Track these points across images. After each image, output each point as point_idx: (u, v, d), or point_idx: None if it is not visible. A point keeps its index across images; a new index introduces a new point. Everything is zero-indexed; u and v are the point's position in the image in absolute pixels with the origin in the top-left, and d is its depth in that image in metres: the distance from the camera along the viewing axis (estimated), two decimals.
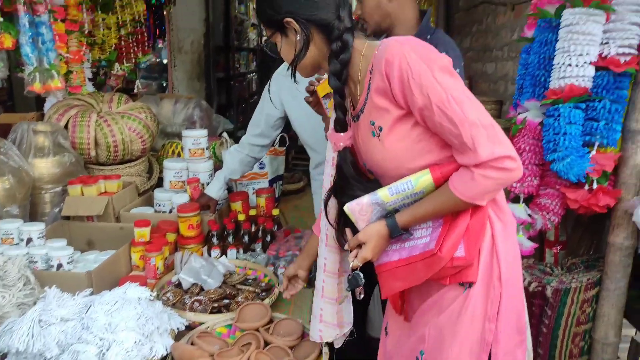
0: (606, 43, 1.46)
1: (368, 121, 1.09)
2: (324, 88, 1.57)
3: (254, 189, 2.86)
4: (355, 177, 1.15)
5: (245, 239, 2.00)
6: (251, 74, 7.67)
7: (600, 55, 1.47)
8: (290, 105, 2.12)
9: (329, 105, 1.54)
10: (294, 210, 3.27)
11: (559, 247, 1.95)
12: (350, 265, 1.14)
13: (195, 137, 2.29)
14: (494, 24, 3.18)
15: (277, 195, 3.21)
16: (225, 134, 2.98)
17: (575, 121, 1.49)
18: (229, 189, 2.67)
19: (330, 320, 1.30)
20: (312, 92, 1.58)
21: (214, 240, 1.92)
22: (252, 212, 2.20)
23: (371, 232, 1.10)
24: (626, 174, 1.54)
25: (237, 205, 2.22)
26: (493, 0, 3.08)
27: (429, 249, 1.04)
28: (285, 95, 2.11)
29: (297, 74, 1.22)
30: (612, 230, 1.60)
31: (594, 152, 1.53)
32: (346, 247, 1.19)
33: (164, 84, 5.82)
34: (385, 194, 1.07)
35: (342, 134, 1.15)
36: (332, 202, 1.24)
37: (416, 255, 1.07)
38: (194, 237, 1.92)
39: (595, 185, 1.52)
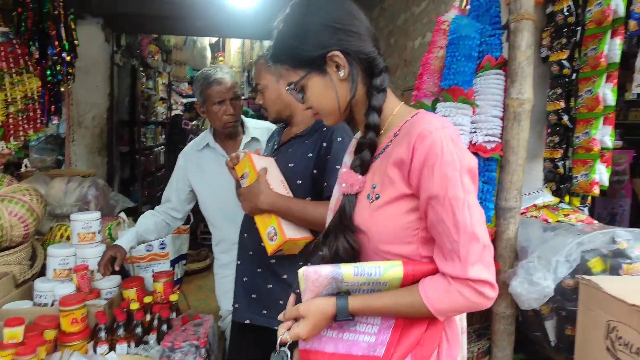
0: (474, 132, 1.64)
1: (370, 182, 1.02)
2: (240, 168, 1.59)
3: (153, 271, 2.70)
4: (352, 228, 1.01)
5: (138, 330, 1.84)
6: (158, 148, 7.52)
7: (470, 142, 1.64)
8: (196, 181, 2.17)
9: (245, 184, 1.56)
10: (198, 291, 3.13)
11: None
12: (279, 340, 0.99)
13: (86, 221, 2.14)
14: None
15: (179, 276, 3.06)
16: (122, 214, 2.84)
17: None
18: (125, 274, 2.50)
19: None
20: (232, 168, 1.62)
21: (102, 334, 1.75)
22: (148, 300, 2.06)
23: (315, 308, 0.96)
24: (502, 247, 1.68)
25: (130, 293, 2.07)
26: None
27: (375, 354, 0.94)
28: (191, 172, 2.16)
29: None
30: (494, 300, 1.70)
31: None
32: (280, 316, 1.04)
33: (61, 159, 5.49)
34: (348, 273, 0.95)
35: (360, 176, 1.02)
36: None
37: (357, 356, 0.95)
38: (78, 333, 1.74)
39: None
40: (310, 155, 1.62)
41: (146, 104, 6.55)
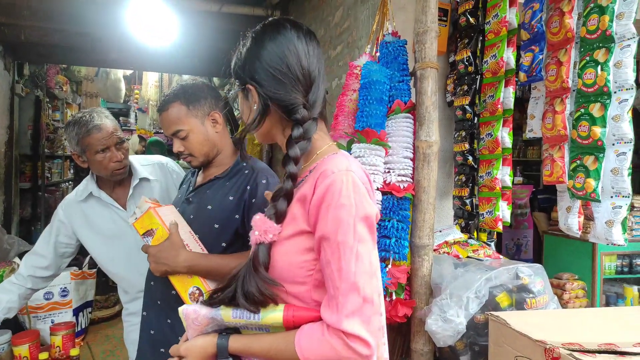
0: (388, 172, 1.69)
1: None
2: (142, 225, 1.42)
3: (53, 322, 2.46)
4: (265, 277, 0.94)
5: None
6: (66, 183, 7.00)
7: (384, 182, 1.69)
8: (85, 235, 1.91)
9: (152, 242, 1.41)
10: (106, 342, 2.88)
11: None
12: None
13: None
14: None
15: (84, 326, 2.80)
16: (17, 259, 2.57)
17: None
18: (18, 327, 2.25)
19: None
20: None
21: None
22: (43, 356, 1.85)
23: (196, 347, 0.96)
24: (417, 284, 1.72)
25: (22, 350, 1.85)
26: None
27: None
28: (77, 225, 1.91)
29: None
30: (412, 337, 1.73)
31: (390, 267, 1.69)
32: (171, 350, 1.02)
33: None
34: (227, 315, 0.95)
35: (275, 224, 0.96)
36: None
37: None
38: None
39: (394, 297, 1.66)
40: (231, 198, 1.55)
41: (52, 137, 6.10)
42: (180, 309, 0.97)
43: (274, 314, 0.92)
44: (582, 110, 1.55)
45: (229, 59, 1.11)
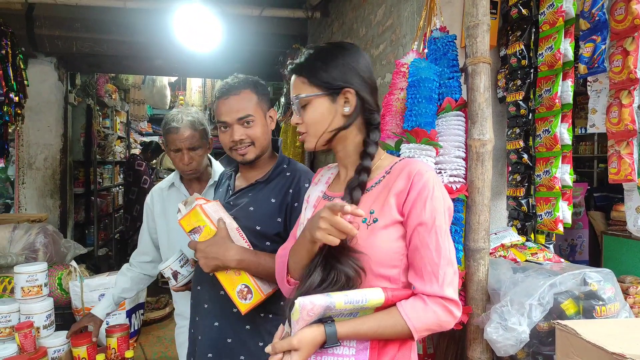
0: (439, 172, 1.63)
1: (366, 208, 1.11)
2: (189, 223, 1.41)
3: (107, 324, 2.53)
4: (354, 251, 1.06)
5: None
6: (116, 188, 7.26)
7: None
8: (159, 221, 2.07)
9: (199, 239, 1.40)
10: (157, 343, 2.95)
11: None
12: None
13: (31, 273, 1.99)
14: None
15: (136, 327, 2.87)
16: (73, 262, 2.66)
17: None
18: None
19: None
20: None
21: None
22: (100, 358, 1.90)
23: (307, 338, 1.00)
24: (473, 289, 1.64)
25: (80, 351, 1.92)
26: None
27: None
28: (157, 211, 2.08)
29: None
30: (469, 345, 1.66)
31: None
32: (268, 349, 1.03)
33: (10, 202, 5.20)
34: (340, 302, 0.99)
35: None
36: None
37: None
38: None
39: None
40: (273, 200, 1.54)
41: (103, 144, 6.34)
42: (296, 301, 0.99)
43: (378, 297, 1.01)
44: None
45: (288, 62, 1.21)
